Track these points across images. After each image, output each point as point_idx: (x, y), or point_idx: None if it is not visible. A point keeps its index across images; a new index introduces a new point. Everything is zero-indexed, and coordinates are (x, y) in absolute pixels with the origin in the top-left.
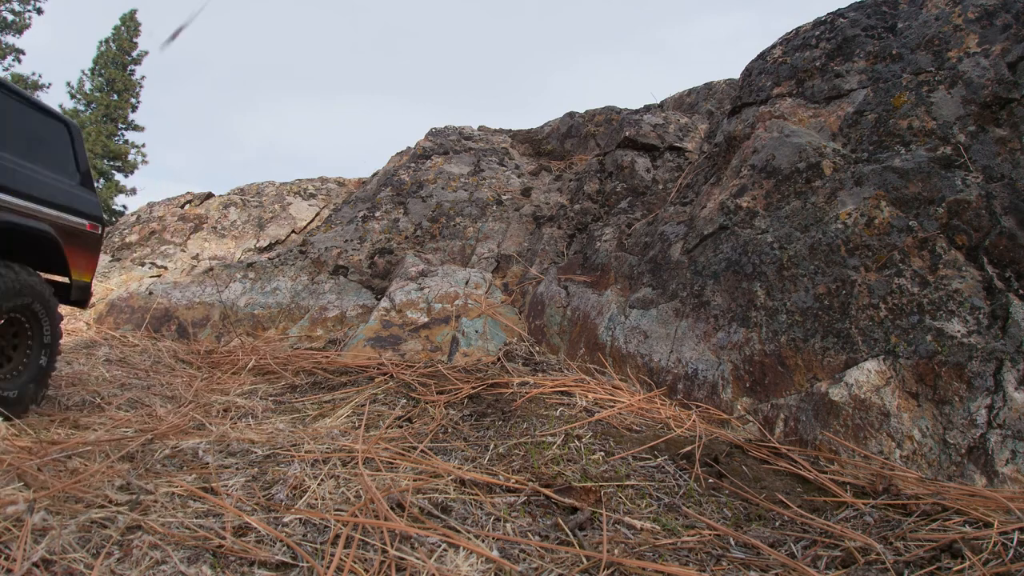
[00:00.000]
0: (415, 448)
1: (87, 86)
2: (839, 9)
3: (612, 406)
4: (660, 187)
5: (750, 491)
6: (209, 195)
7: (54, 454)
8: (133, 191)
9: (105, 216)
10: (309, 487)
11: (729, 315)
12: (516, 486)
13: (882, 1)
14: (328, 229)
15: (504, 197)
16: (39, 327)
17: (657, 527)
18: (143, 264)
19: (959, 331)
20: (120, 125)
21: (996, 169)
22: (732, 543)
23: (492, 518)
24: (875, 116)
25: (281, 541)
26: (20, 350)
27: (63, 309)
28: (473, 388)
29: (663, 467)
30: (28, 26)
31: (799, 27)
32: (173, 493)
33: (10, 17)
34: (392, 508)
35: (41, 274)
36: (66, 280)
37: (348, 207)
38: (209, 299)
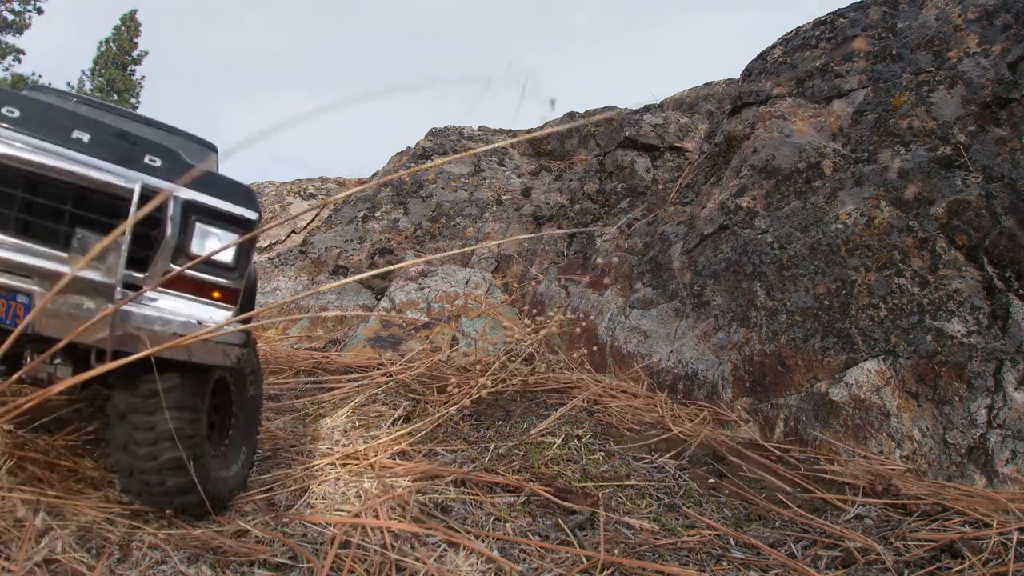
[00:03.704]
0: (415, 448)
1: (87, 86)
2: (839, 9)
3: (612, 406)
4: (660, 187)
5: (750, 491)
6: None
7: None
8: None
9: None
10: (309, 487)
11: (729, 315)
12: (516, 486)
13: (882, 1)
14: (328, 229)
15: (504, 197)
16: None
17: (657, 527)
18: None
19: (959, 331)
20: None
21: (996, 169)
22: (732, 543)
23: (492, 518)
24: (875, 116)
25: (281, 542)
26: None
27: None
28: (473, 388)
29: (663, 467)
30: (28, 26)
31: (799, 27)
32: None
33: (10, 17)
34: (392, 508)
35: None
36: None
37: (348, 207)
38: None
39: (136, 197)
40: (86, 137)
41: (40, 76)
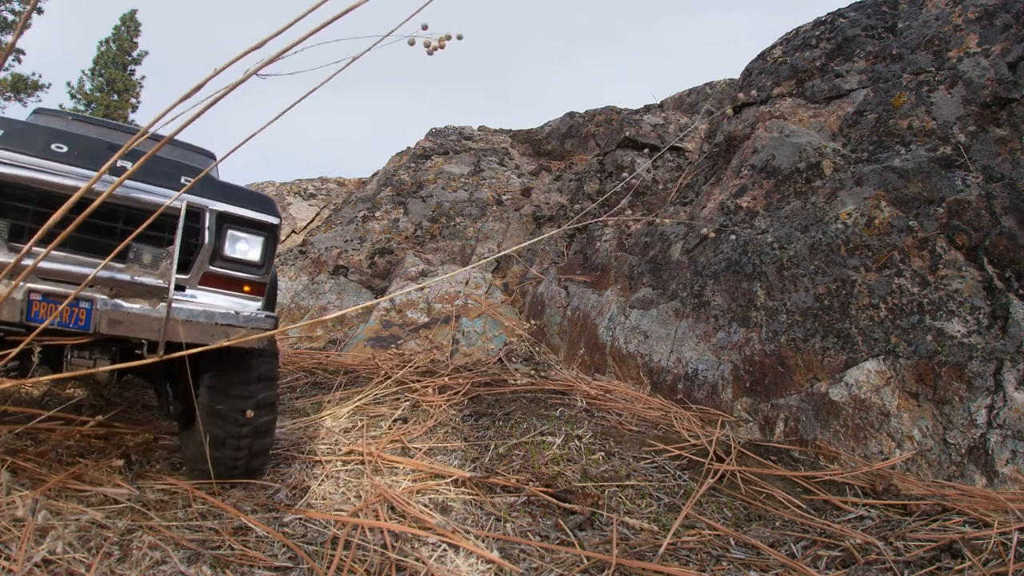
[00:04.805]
0: (415, 448)
1: (87, 86)
2: (839, 9)
3: (612, 406)
4: (660, 187)
5: (750, 491)
6: None
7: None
8: None
9: None
10: (309, 487)
11: (729, 315)
12: (516, 486)
13: (882, 1)
14: (328, 229)
15: (504, 197)
16: None
17: (657, 527)
18: None
19: (959, 331)
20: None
21: (996, 169)
22: (732, 543)
23: (492, 518)
24: (875, 116)
25: (281, 542)
26: None
27: None
28: (473, 388)
29: (663, 467)
30: (28, 26)
31: (799, 27)
32: (173, 493)
33: (10, 17)
34: (392, 508)
35: None
36: None
37: (348, 207)
38: None
39: (183, 213)
40: (128, 164)
41: (40, 76)
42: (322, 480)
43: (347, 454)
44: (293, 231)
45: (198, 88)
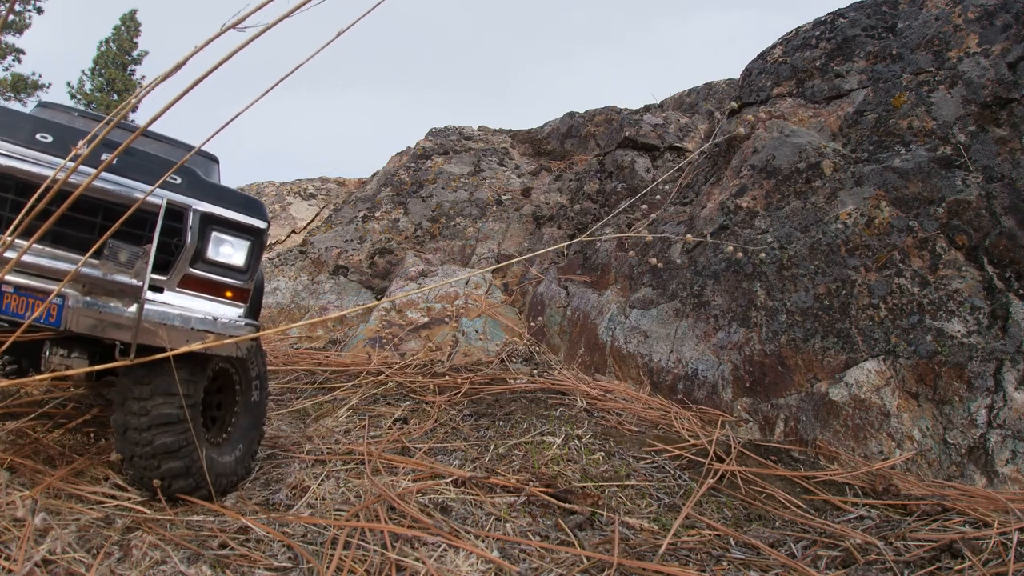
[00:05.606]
0: (415, 448)
1: (87, 86)
2: (839, 9)
3: (612, 406)
4: (660, 187)
5: (750, 491)
6: None
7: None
8: None
9: None
10: (309, 487)
11: (729, 315)
12: (516, 486)
13: (882, 1)
14: (328, 229)
15: (504, 197)
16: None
17: (657, 527)
18: None
19: (959, 331)
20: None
21: (996, 169)
22: (732, 543)
23: (492, 518)
24: (875, 116)
25: (281, 542)
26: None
27: None
28: (473, 388)
29: (663, 467)
30: (28, 26)
31: (799, 27)
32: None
33: (10, 17)
34: (392, 509)
35: None
36: None
37: (348, 207)
38: None
39: (163, 211)
40: (114, 159)
41: (40, 76)
42: (322, 480)
43: (347, 454)
44: (293, 231)
45: (178, 67)
